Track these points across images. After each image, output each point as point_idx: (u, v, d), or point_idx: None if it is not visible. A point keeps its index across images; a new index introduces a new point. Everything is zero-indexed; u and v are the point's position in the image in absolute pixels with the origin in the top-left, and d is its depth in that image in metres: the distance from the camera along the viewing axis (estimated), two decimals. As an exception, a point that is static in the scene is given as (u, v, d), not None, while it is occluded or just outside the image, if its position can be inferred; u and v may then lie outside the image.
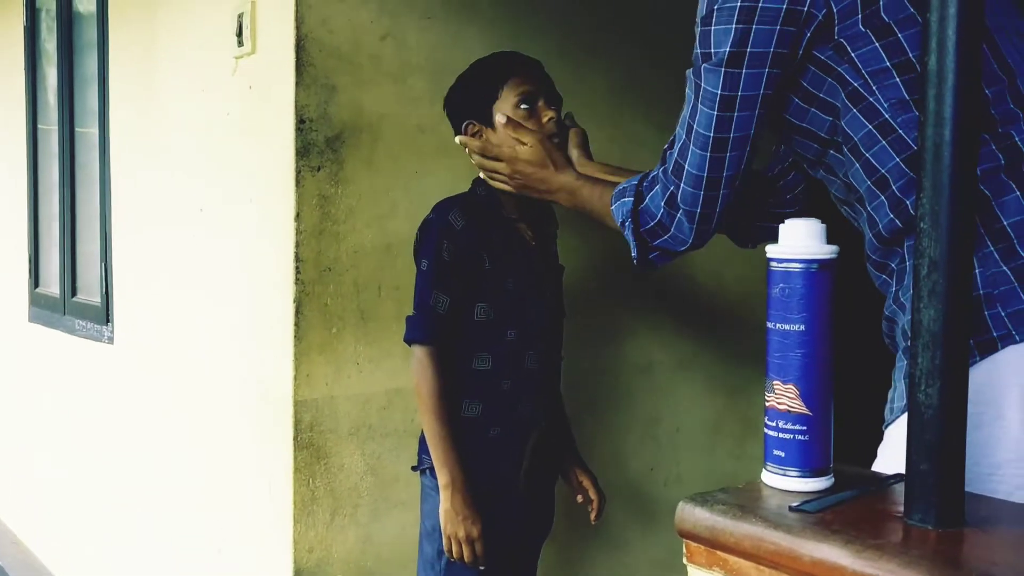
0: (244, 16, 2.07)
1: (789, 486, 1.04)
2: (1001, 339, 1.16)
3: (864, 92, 1.26)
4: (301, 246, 1.92)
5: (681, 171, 1.39)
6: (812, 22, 1.25)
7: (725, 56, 1.28)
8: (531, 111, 1.78)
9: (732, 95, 1.30)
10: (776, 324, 1.05)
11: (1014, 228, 1.19)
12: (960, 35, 0.89)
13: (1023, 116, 1.25)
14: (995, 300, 1.17)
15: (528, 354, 1.84)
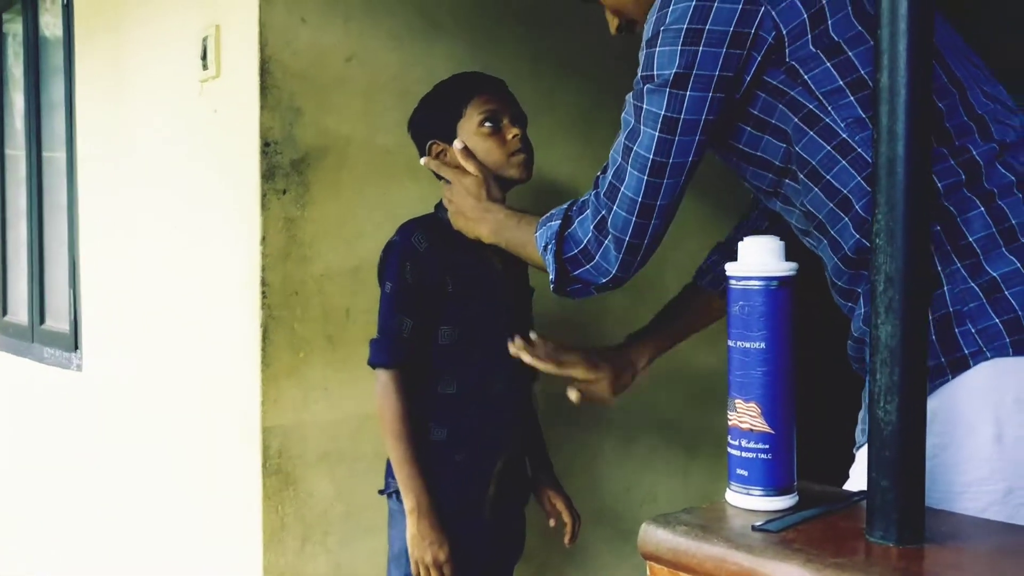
0: (208, 40, 2.06)
1: (753, 505, 1.03)
2: (972, 356, 1.16)
3: (820, 113, 1.25)
4: (267, 270, 1.91)
5: (616, 193, 1.36)
6: (762, 45, 1.24)
7: (670, 77, 1.27)
8: (495, 129, 1.78)
9: (675, 117, 1.28)
10: (737, 342, 1.05)
11: (980, 244, 1.18)
12: (911, 51, 0.89)
13: (976, 129, 1.25)
14: (964, 317, 1.17)
15: (495, 378, 1.82)
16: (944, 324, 1.17)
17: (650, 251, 1.41)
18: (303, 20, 1.95)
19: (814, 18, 1.23)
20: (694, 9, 1.24)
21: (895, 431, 0.90)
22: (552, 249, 1.44)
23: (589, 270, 1.43)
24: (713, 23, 1.23)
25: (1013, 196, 1.21)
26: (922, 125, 0.91)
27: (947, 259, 1.19)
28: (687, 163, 1.31)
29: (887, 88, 0.90)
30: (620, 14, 1.52)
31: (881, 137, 0.91)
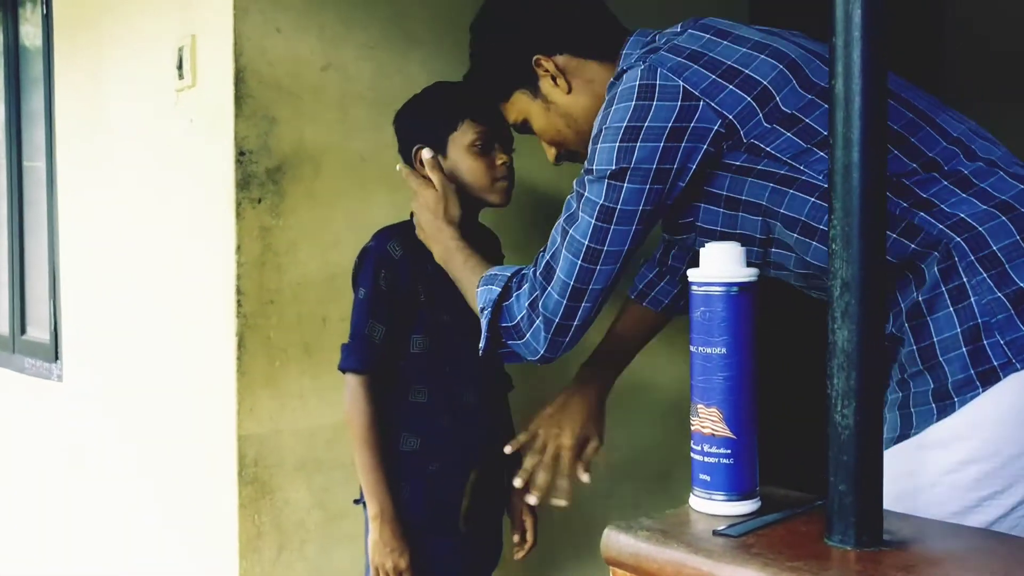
0: (184, 49, 2.06)
1: (715, 510, 1.04)
2: (1001, 368, 1.17)
3: (794, 174, 1.30)
4: (242, 278, 1.91)
5: (551, 275, 1.40)
6: (706, 135, 1.30)
7: (608, 171, 1.32)
8: (485, 151, 1.78)
9: (612, 207, 1.33)
10: (699, 347, 1.06)
11: (1004, 253, 1.20)
12: (865, 59, 0.90)
13: (959, 152, 1.29)
14: (993, 328, 1.17)
15: (466, 389, 1.83)
16: (973, 336, 1.18)
17: (580, 332, 1.44)
18: (278, 30, 1.96)
19: (759, 99, 1.30)
20: (634, 108, 1.31)
21: (852, 435, 0.91)
22: (487, 315, 1.48)
23: (520, 345, 1.47)
24: (652, 120, 1.31)
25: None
26: (877, 131, 0.92)
27: (972, 270, 1.20)
28: (622, 251, 1.36)
29: (842, 95, 0.91)
30: (559, 146, 1.59)
31: (837, 143, 0.92)
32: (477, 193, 1.80)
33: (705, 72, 1.31)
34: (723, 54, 1.33)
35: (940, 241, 1.22)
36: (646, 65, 1.32)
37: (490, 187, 1.79)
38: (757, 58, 1.32)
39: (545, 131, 1.58)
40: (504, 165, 1.79)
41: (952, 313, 1.21)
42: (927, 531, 0.96)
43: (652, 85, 1.31)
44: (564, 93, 1.52)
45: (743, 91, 1.29)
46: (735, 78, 1.30)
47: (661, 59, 1.33)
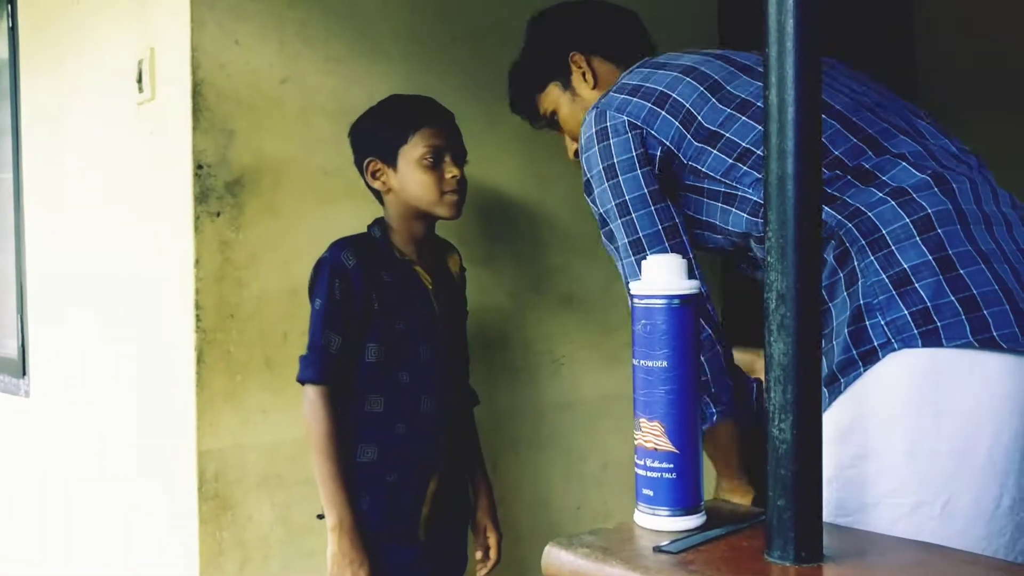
0: (144, 63, 2.05)
1: (659, 525, 1.03)
2: (881, 347, 1.18)
3: (732, 191, 1.37)
4: (201, 293, 1.89)
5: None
6: (653, 159, 1.42)
7: (614, 210, 1.44)
8: (435, 165, 1.79)
9: (637, 238, 1.44)
10: (640, 360, 1.05)
11: (893, 235, 1.21)
12: (798, 70, 0.90)
13: (868, 148, 1.31)
14: (875, 309, 1.19)
15: (423, 398, 1.82)
16: (856, 317, 1.20)
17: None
18: (236, 42, 1.94)
19: (684, 121, 1.40)
20: (600, 151, 1.46)
21: (790, 449, 0.90)
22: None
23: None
24: (617, 156, 1.43)
25: (930, 191, 1.24)
26: (812, 143, 0.91)
27: (863, 253, 1.22)
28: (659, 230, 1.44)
29: (776, 106, 0.91)
30: (577, 139, 1.65)
31: (771, 155, 0.91)
32: (426, 207, 1.80)
33: (642, 103, 1.43)
34: (656, 81, 1.45)
35: (836, 231, 1.24)
36: (596, 111, 1.47)
37: (438, 201, 1.80)
38: (683, 81, 1.42)
39: (568, 121, 1.75)
40: (454, 179, 1.79)
41: (846, 297, 1.22)
42: (868, 545, 0.96)
43: (604, 128, 1.45)
44: (590, 88, 1.71)
45: (672, 116, 1.40)
46: (665, 103, 1.42)
47: (609, 101, 1.47)
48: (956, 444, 1.14)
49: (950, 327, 1.15)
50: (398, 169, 1.80)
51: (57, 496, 2.72)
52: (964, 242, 1.20)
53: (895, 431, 1.16)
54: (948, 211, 1.22)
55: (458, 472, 1.92)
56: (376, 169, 1.83)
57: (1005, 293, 1.17)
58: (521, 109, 1.85)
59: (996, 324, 1.14)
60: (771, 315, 0.90)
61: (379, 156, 1.82)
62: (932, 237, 1.19)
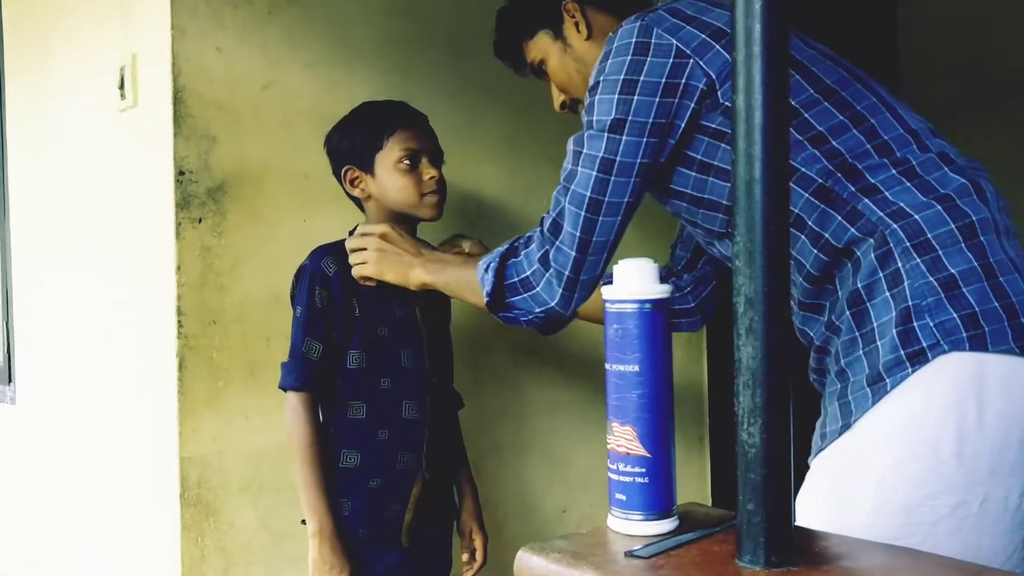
0: (125, 69, 2.05)
1: (632, 530, 1.03)
2: (930, 348, 1.20)
3: None
4: (183, 299, 1.89)
5: (558, 230, 1.43)
6: (694, 93, 1.35)
7: (607, 123, 1.37)
8: (412, 167, 1.79)
9: (611, 159, 1.37)
10: (612, 365, 1.05)
11: (939, 240, 1.23)
12: (765, 74, 0.90)
13: (913, 141, 1.33)
14: (923, 311, 1.21)
15: (405, 403, 1.82)
16: (904, 318, 1.21)
17: (587, 289, 1.47)
18: (218, 49, 1.94)
19: None
20: (630, 63, 1.36)
21: (759, 453, 0.90)
22: (493, 268, 1.51)
23: (527, 299, 1.50)
24: (647, 75, 1.35)
25: (969, 198, 1.27)
26: (779, 147, 0.91)
27: (907, 255, 1.24)
28: (623, 203, 1.40)
29: (743, 110, 0.91)
30: (566, 91, 1.67)
31: (739, 159, 0.91)
32: (407, 209, 1.81)
33: (696, 32, 1.36)
34: (713, 17, 1.38)
35: (877, 228, 1.26)
36: (643, 23, 1.38)
37: (419, 203, 1.80)
38: None
39: (557, 73, 1.66)
40: (432, 179, 1.80)
41: (888, 298, 1.24)
42: (839, 549, 0.96)
43: (647, 43, 1.36)
44: (583, 39, 1.62)
45: (727, 52, 1.32)
46: (722, 38, 1.34)
47: (657, 18, 1.38)
48: (997, 443, 1.18)
49: (995, 333, 1.19)
50: (376, 175, 1.81)
51: (41, 502, 2.71)
52: (1000, 250, 1.25)
53: (945, 433, 1.18)
54: (988, 219, 1.26)
55: (443, 477, 1.92)
56: (354, 177, 1.84)
57: None
58: (505, 55, 1.77)
59: None
60: (739, 319, 0.91)
61: (356, 163, 1.82)
62: (976, 244, 1.23)
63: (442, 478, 1.92)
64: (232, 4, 1.97)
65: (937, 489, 1.17)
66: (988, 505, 1.17)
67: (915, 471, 1.18)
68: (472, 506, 2.00)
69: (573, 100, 1.67)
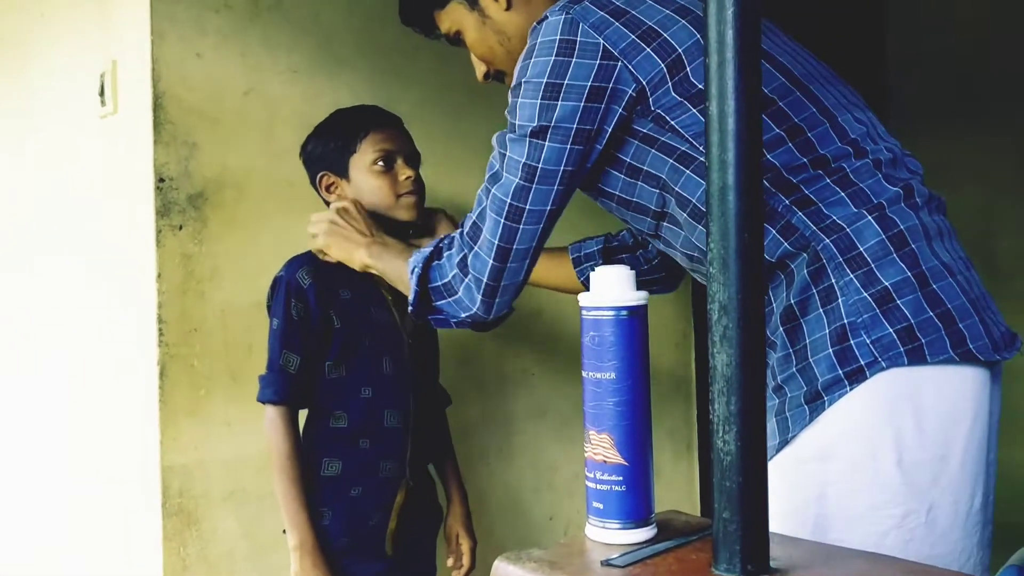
0: (106, 76, 2.04)
1: (609, 539, 1.02)
2: (868, 366, 1.18)
3: (693, 153, 1.28)
4: (163, 307, 1.88)
5: (477, 235, 1.39)
6: (622, 97, 1.27)
7: (529, 129, 1.30)
8: (388, 168, 1.79)
9: (534, 165, 1.31)
10: (589, 373, 1.04)
11: (871, 253, 1.21)
12: (738, 81, 0.89)
13: (852, 152, 1.28)
14: (859, 328, 1.19)
15: (387, 412, 1.81)
16: (840, 336, 1.20)
17: (510, 293, 1.42)
18: (198, 55, 1.93)
19: (672, 67, 1.26)
20: (553, 64, 1.27)
21: (734, 461, 0.90)
22: (417, 273, 1.46)
23: (451, 303, 1.45)
24: (572, 78, 1.27)
25: (898, 206, 1.24)
26: (753, 154, 0.91)
27: (840, 270, 1.21)
28: (545, 211, 1.34)
29: (716, 117, 0.90)
30: (489, 63, 1.56)
31: (712, 166, 0.91)
32: (384, 211, 1.80)
33: (625, 31, 1.27)
34: (645, 13, 1.29)
35: (810, 243, 1.23)
36: (568, 17, 1.28)
37: (395, 203, 1.80)
38: (678, 23, 1.28)
39: (476, 46, 1.54)
40: (408, 179, 1.79)
41: (822, 314, 1.22)
42: (815, 556, 0.95)
43: (572, 41, 1.27)
44: (503, 9, 1.49)
45: (659, 56, 1.26)
46: (653, 41, 1.27)
47: (584, 12, 1.28)
48: (937, 452, 1.17)
49: (933, 343, 1.18)
50: (351, 179, 1.80)
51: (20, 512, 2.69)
52: (931, 256, 1.22)
53: (883, 443, 1.18)
54: (917, 226, 1.23)
55: (428, 484, 1.91)
56: (330, 183, 1.83)
57: (972, 304, 1.22)
58: (412, 22, 1.64)
59: (971, 336, 1.19)
60: (714, 326, 0.90)
61: (330, 169, 1.82)
62: (908, 253, 1.21)
63: (427, 485, 1.91)
64: (213, 9, 1.96)
65: (881, 500, 1.17)
66: (936, 513, 1.17)
67: (856, 483, 1.18)
68: (460, 510, 1.99)
69: (498, 71, 1.57)
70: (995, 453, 1.28)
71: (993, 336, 1.22)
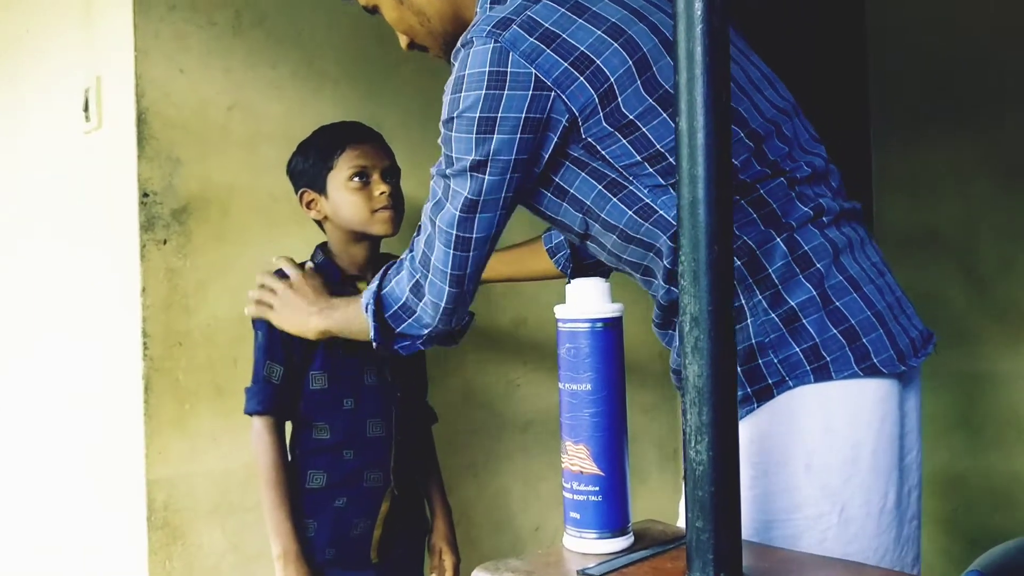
0: (90, 91, 2.05)
1: (587, 548, 1.04)
2: (776, 385, 1.22)
3: (622, 181, 1.28)
4: (148, 321, 1.89)
5: (428, 263, 1.39)
6: (557, 126, 1.26)
7: (468, 163, 1.28)
8: (364, 184, 1.80)
9: (475, 199, 1.31)
10: (566, 384, 1.06)
11: (778, 274, 1.24)
12: (708, 96, 0.91)
13: (770, 174, 1.29)
14: (767, 348, 1.22)
15: (370, 422, 1.82)
16: (748, 356, 1.23)
17: (466, 306, 1.45)
18: (181, 71, 1.95)
19: (603, 97, 1.24)
20: (485, 97, 1.24)
21: (707, 471, 0.91)
22: (371, 308, 1.48)
23: (412, 323, 1.47)
24: (505, 111, 1.24)
25: (805, 226, 1.27)
26: (722, 168, 0.92)
27: (750, 291, 1.24)
28: (490, 235, 1.36)
29: (686, 132, 0.92)
30: (410, 35, 1.53)
31: (683, 180, 0.92)
32: (360, 227, 1.82)
33: (558, 59, 1.23)
34: (576, 36, 1.25)
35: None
36: (496, 46, 1.23)
37: (370, 219, 1.81)
38: (611, 47, 1.24)
39: (397, 24, 1.50)
40: (383, 195, 1.80)
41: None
42: (788, 564, 0.97)
43: (504, 72, 1.23)
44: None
45: (590, 86, 1.24)
46: (586, 69, 1.23)
47: (514, 40, 1.23)
48: (847, 454, 1.21)
49: (837, 361, 1.21)
50: (328, 195, 1.82)
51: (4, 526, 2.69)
52: (836, 273, 1.25)
53: (792, 449, 1.22)
54: (823, 244, 1.26)
55: (413, 492, 1.92)
56: (310, 200, 1.85)
57: (877, 317, 1.24)
58: None
59: (875, 351, 1.22)
60: (685, 338, 0.92)
61: (310, 186, 1.84)
62: (814, 273, 1.24)
63: (412, 494, 1.92)
64: (196, 25, 1.97)
65: (793, 503, 1.20)
66: (848, 512, 1.20)
67: (768, 488, 1.21)
68: (444, 525, 2.00)
69: (420, 45, 1.54)
70: (917, 454, 1.32)
71: (899, 346, 1.24)
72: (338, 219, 1.83)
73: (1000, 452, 2.99)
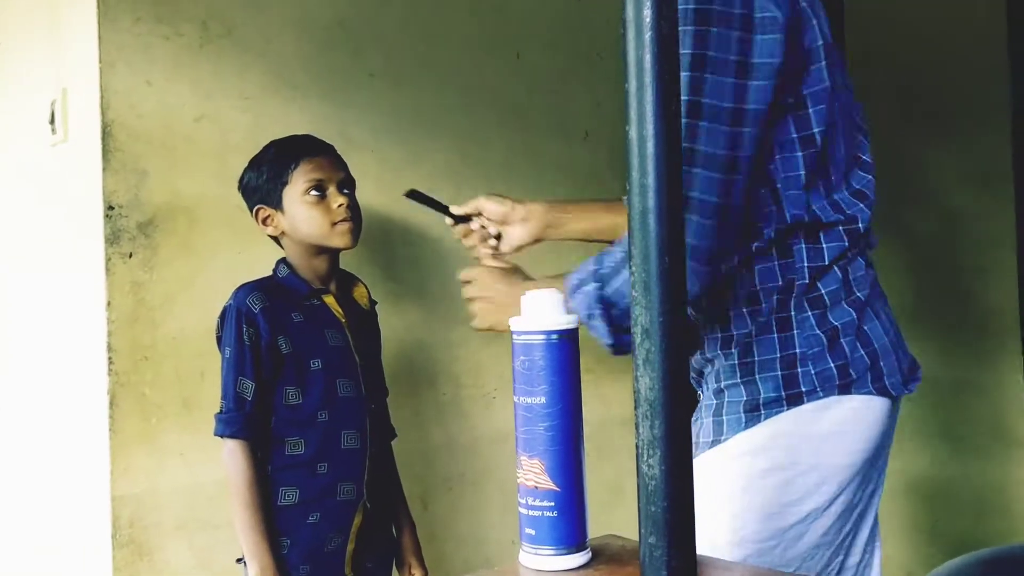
0: (56, 104, 2.03)
1: (542, 565, 1.02)
2: (807, 394, 1.31)
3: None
4: (113, 335, 1.86)
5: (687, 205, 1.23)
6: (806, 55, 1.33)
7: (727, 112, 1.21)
8: (321, 197, 1.79)
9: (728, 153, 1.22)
10: (520, 398, 1.04)
11: (830, 296, 1.33)
12: (657, 104, 0.90)
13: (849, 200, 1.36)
14: (808, 359, 1.32)
15: (344, 433, 1.81)
16: (790, 363, 1.32)
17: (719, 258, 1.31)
18: (148, 83, 1.93)
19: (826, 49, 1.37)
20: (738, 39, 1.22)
21: (659, 485, 0.89)
22: (600, 315, 1.29)
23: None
24: (757, 55, 1.22)
25: (850, 256, 1.35)
26: (673, 177, 0.91)
27: (801, 307, 1.32)
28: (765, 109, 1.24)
29: (635, 141, 0.90)
30: None
31: (633, 190, 0.91)
32: (319, 241, 1.80)
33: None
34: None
35: (794, 279, 1.34)
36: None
37: (330, 232, 1.80)
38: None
39: None
40: (341, 207, 1.79)
41: (775, 339, 1.33)
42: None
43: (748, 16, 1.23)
44: None
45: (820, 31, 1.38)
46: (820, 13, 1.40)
47: None
48: (851, 459, 1.34)
49: (860, 379, 1.33)
50: (285, 210, 1.80)
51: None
52: (867, 302, 1.36)
53: (802, 449, 1.32)
54: (864, 276, 1.36)
55: (383, 506, 1.90)
56: (266, 216, 1.84)
57: (890, 343, 1.37)
58: None
59: (887, 373, 1.34)
60: (636, 350, 0.90)
61: (265, 202, 1.83)
62: (856, 300, 1.34)
63: (382, 507, 1.90)
64: (162, 36, 1.95)
65: (794, 498, 1.31)
66: (837, 507, 1.33)
67: (776, 482, 1.31)
68: (410, 542, 1.98)
69: None
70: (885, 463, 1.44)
71: (904, 371, 1.37)
72: (297, 234, 1.81)
73: (983, 461, 2.98)
